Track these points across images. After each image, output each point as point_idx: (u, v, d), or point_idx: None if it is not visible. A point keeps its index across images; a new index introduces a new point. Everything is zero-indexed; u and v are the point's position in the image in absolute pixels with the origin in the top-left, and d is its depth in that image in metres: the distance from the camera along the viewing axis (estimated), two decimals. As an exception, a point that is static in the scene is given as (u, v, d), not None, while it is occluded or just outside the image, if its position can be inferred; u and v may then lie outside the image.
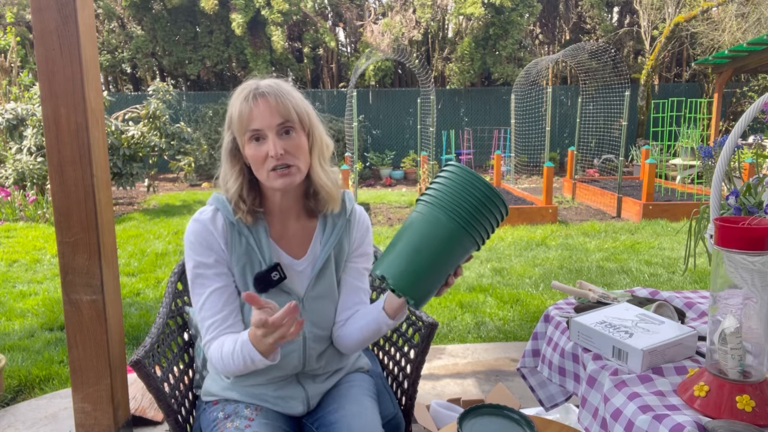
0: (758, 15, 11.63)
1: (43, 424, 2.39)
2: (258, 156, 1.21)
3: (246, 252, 1.28)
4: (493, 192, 1.05)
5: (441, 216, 1.05)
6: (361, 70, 9.69)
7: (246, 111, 1.19)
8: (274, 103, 1.19)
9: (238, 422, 1.26)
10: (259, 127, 1.19)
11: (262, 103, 1.19)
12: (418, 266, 1.04)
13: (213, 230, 1.26)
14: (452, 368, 2.90)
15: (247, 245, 1.28)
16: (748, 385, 0.94)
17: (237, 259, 1.27)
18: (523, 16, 12.86)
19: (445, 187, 1.07)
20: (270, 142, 1.19)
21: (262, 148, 1.20)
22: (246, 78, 1.30)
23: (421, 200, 1.09)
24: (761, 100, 1.10)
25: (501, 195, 1.06)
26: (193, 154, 9.83)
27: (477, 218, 1.05)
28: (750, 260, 0.92)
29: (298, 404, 1.35)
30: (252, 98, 1.20)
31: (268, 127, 1.19)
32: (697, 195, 7.86)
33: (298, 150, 1.22)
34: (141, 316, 3.79)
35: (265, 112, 1.19)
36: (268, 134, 1.20)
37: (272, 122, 1.19)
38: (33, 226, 7.15)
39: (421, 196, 1.10)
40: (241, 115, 1.20)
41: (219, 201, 1.29)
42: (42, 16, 1.86)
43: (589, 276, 4.68)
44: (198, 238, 1.26)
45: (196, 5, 13.25)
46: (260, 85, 1.22)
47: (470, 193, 1.05)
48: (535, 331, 1.48)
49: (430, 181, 1.09)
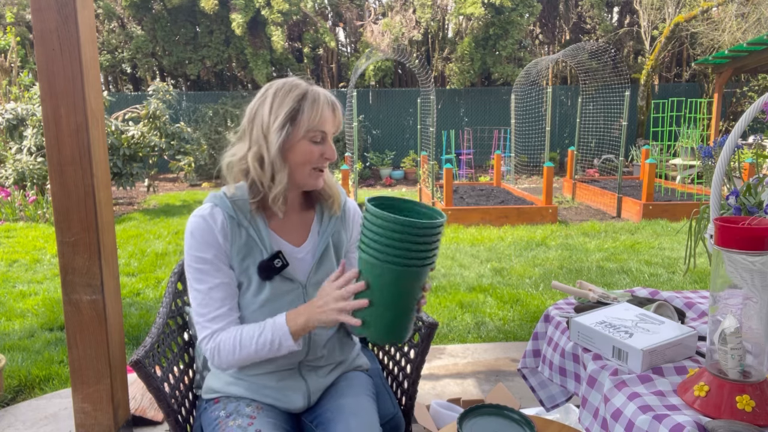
0: (758, 15, 11.62)
1: (43, 424, 2.39)
2: (313, 154, 1.31)
3: (246, 243, 1.32)
4: (399, 223, 1.08)
5: (377, 264, 1.11)
6: (361, 70, 9.69)
7: (327, 116, 1.31)
8: (339, 116, 1.35)
9: (240, 420, 1.28)
10: (327, 130, 1.31)
11: (336, 113, 1.34)
12: (388, 320, 1.14)
13: (213, 225, 1.30)
14: (452, 368, 2.90)
15: (248, 236, 1.32)
16: (748, 385, 0.94)
17: (238, 250, 1.31)
18: (523, 16, 12.85)
19: (370, 234, 1.12)
20: (328, 146, 1.33)
21: (317, 148, 1.31)
22: (263, 79, 1.41)
23: (360, 252, 1.16)
24: (761, 100, 1.10)
25: (409, 221, 1.08)
26: (193, 154, 9.82)
27: (405, 251, 1.09)
28: (750, 260, 0.91)
29: (299, 398, 1.37)
30: (332, 107, 1.33)
31: (331, 133, 1.34)
32: (697, 195, 7.86)
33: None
34: (141, 316, 3.79)
35: (334, 121, 1.33)
36: (328, 139, 1.33)
37: (334, 129, 1.34)
38: (33, 226, 7.15)
39: (359, 245, 1.17)
40: (322, 117, 1.30)
41: (216, 197, 1.34)
42: (42, 16, 1.86)
43: (589, 276, 4.68)
44: (198, 233, 1.29)
45: (196, 5, 13.24)
46: (330, 96, 1.34)
47: (385, 233, 1.09)
48: (535, 331, 1.48)
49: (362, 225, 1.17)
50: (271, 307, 1.32)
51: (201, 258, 1.28)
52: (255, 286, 1.32)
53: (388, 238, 1.09)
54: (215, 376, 1.40)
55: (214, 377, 1.40)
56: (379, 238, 1.10)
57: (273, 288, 1.32)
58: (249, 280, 1.32)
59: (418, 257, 1.10)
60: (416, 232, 1.08)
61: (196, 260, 1.29)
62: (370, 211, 1.11)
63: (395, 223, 1.08)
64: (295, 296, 1.35)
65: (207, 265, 1.28)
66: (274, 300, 1.32)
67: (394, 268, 1.10)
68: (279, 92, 1.30)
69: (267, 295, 1.31)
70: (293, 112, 1.28)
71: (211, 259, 1.28)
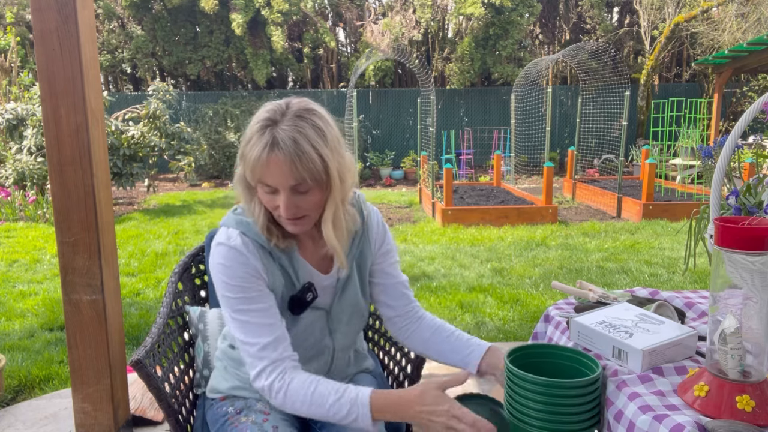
0: (758, 15, 11.62)
1: (43, 424, 2.39)
2: (269, 204, 1.16)
3: (282, 274, 1.23)
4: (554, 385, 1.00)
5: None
6: (361, 70, 9.69)
7: (261, 162, 1.09)
8: (289, 163, 1.08)
9: (254, 416, 1.25)
10: (272, 184, 1.11)
11: (277, 158, 1.08)
12: None
13: (248, 254, 1.18)
14: (452, 368, 2.90)
15: (281, 267, 1.23)
16: (748, 385, 0.94)
17: (273, 281, 1.22)
18: (523, 16, 12.85)
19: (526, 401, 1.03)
20: (282, 201, 1.12)
21: (275, 199, 1.14)
22: (263, 99, 1.26)
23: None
24: (761, 100, 1.10)
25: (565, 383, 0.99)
26: (193, 154, 9.82)
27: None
28: (750, 260, 0.91)
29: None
30: (268, 150, 1.08)
31: (281, 186, 1.11)
32: (697, 195, 7.86)
33: (311, 206, 1.15)
34: (141, 316, 3.79)
35: (280, 170, 1.09)
36: (281, 192, 1.12)
37: (285, 183, 1.10)
38: (33, 226, 7.15)
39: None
40: (255, 164, 1.10)
41: (243, 224, 1.21)
42: (42, 16, 1.86)
43: (589, 276, 4.68)
44: (232, 263, 1.17)
45: (196, 5, 13.24)
46: (279, 135, 1.09)
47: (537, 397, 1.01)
48: (535, 331, 1.48)
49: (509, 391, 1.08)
50: (299, 339, 1.27)
51: (241, 287, 1.17)
52: (285, 319, 1.25)
53: (539, 403, 1.01)
54: (224, 377, 1.38)
55: (221, 378, 1.39)
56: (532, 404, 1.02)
57: (301, 319, 1.26)
58: (280, 310, 1.25)
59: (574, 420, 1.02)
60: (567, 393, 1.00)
61: (235, 289, 1.17)
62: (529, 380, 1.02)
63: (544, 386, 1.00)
64: (320, 323, 1.30)
65: (249, 293, 1.17)
66: (302, 330, 1.28)
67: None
68: (252, 122, 1.14)
69: (295, 326, 1.26)
70: (241, 153, 1.14)
71: (253, 286, 1.18)
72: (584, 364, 1.10)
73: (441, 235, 6.39)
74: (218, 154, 12.54)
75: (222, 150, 12.51)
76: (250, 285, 1.17)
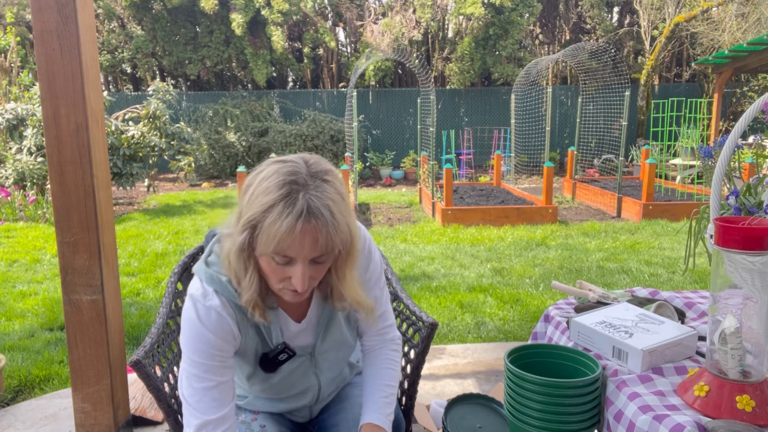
0: (758, 15, 11.62)
1: (43, 424, 2.39)
2: (277, 275, 1.04)
3: (256, 333, 1.17)
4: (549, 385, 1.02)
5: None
6: (361, 70, 9.69)
7: (293, 234, 0.97)
8: (325, 234, 0.98)
9: (243, 416, 1.28)
10: (294, 255, 1.00)
11: (313, 229, 0.97)
12: None
13: (225, 315, 1.11)
14: (452, 368, 2.90)
15: (256, 327, 1.17)
16: (748, 385, 0.94)
17: (245, 342, 1.17)
18: (523, 16, 12.85)
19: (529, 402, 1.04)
20: (298, 272, 1.02)
21: (286, 270, 1.03)
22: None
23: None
24: (761, 100, 1.10)
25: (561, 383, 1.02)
26: (193, 154, 9.82)
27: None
28: (750, 260, 0.91)
29: (305, 414, 1.39)
30: (304, 220, 0.96)
31: (304, 257, 1.00)
32: (697, 195, 7.86)
33: (321, 275, 1.08)
34: (141, 316, 3.79)
35: (312, 241, 0.98)
36: (299, 263, 1.01)
37: (310, 254, 1.00)
38: (33, 226, 7.15)
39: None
40: (283, 235, 0.96)
41: (216, 282, 1.11)
42: (42, 16, 1.86)
43: (589, 276, 4.68)
44: (204, 325, 1.09)
45: (196, 5, 13.24)
46: (313, 203, 0.97)
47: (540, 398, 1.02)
48: (535, 331, 1.48)
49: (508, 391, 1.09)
50: (281, 384, 1.25)
51: (206, 352, 1.09)
52: (263, 374, 1.21)
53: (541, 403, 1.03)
54: None
55: None
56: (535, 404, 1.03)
57: (281, 369, 1.22)
58: (253, 367, 1.21)
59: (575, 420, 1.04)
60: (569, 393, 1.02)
61: (200, 354, 1.09)
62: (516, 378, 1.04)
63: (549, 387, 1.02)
64: (302, 368, 1.25)
65: (212, 360, 1.09)
66: (285, 378, 1.24)
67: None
68: (263, 183, 1.00)
69: (275, 375, 1.23)
70: (254, 221, 0.99)
71: (218, 354, 1.10)
72: (584, 364, 1.11)
73: (441, 235, 6.40)
74: (218, 154, 12.55)
75: (222, 150, 12.51)
76: (217, 352, 1.10)
